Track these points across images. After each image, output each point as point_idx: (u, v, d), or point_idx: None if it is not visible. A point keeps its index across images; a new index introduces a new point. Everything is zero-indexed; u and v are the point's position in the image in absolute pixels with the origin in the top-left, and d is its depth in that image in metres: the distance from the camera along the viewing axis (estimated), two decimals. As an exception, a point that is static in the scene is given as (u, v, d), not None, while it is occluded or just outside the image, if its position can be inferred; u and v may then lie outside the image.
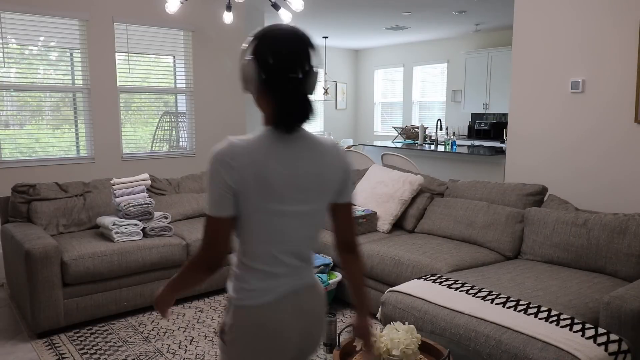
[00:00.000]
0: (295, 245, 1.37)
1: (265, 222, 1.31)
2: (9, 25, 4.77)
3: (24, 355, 2.97)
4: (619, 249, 2.84)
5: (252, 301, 1.33)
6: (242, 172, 1.26)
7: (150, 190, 4.23)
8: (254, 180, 1.26)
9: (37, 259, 3.05)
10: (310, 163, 1.33)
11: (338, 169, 1.39)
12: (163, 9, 5.29)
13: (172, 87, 5.94)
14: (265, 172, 1.27)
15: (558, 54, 3.96)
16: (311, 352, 1.49)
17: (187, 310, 3.60)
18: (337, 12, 7.67)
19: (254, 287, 1.34)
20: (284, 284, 1.36)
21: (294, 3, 4.07)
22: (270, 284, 1.35)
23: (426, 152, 6.94)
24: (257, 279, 1.34)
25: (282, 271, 1.36)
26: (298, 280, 1.40)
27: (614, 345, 2.06)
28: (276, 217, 1.31)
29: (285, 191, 1.30)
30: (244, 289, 1.34)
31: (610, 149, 3.72)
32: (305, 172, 1.32)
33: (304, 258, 1.42)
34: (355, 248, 1.54)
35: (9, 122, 4.94)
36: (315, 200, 1.36)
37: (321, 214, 1.41)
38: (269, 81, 1.27)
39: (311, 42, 1.32)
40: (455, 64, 10.12)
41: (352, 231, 1.52)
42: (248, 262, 1.35)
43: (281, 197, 1.30)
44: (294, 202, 1.32)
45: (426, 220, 3.81)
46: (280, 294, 1.35)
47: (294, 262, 1.38)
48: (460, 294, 2.54)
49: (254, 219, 1.31)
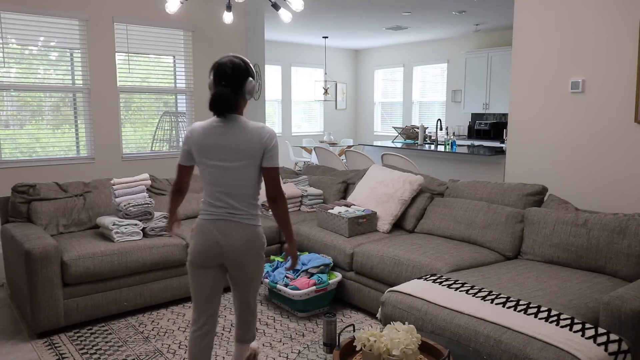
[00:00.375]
0: (226, 189, 2.22)
1: (206, 172, 2.24)
2: (9, 25, 4.77)
3: (24, 355, 2.97)
4: (619, 249, 2.84)
5: (201, 217, 2.29)
6: (194, 140, 2.23)
7: (150, 190, 4.23)
8: (197, 145, 2.22)
9: (37, 259, 3.05)
10: (233, 137, 2.18)
11: (257, 143, 2.18)
12: (163, 9, 5.30)
13: (172, 87, 5.95)
14: (203, 140, 2.21)
15: (558, 54, 3.96)
16: (233, 256, 2.25)
17: (187, 310, 3.60)
18: (337, 12, 7.66)
19: (204, 209, 2.28)
20: (218, 213, 2.24)
21: (294, 3, 4.07)
22: (211, 210, 2.25)
23: (426, 152, 6.94)
24: (206, 206, 2.28)
25: (219, 204, 2.23)
26: (230, 216, 2.23)
27: (614, 345, 2.06)
28: (210, 168, 2.22)
29: (214, 152, 2.20)
30: (202, 210, 2.30)
31: (610, 149, 3.72)
32: (227, 142, 2.18)
33: (237, 200, 2.22)
34: (277, 199, 2.25)
35: (9, 122, 4.94)
36: (235, 160, 2.19)
37: (243, 170, 2.19)
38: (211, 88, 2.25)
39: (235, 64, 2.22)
40: (455, 64, 10.13)
41: (274, 188, 2.24)
42: (205, 196, 2.29)
43: (210, 156, 2.20)
44: (219, 160, 2.19)
45: (426, 220, 3.81)
46: (214, 217, 2.24)
47: (228, 200, 2.22)
48: (460, 294, 2.54)
49: (201, 169, 2.26)
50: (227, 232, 2.22)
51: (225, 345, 3.08)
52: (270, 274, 3.62)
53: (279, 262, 3.76)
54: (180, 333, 3.25)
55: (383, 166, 4.49)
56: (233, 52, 6.29)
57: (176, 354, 2.97)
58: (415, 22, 8.49)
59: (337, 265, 3.69)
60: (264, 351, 3.00)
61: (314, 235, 3.87)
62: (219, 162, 2.19)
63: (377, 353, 1.88)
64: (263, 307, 3.65)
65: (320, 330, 3.27)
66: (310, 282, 3.43)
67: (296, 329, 3.31)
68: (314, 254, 3.70)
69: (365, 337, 1.92)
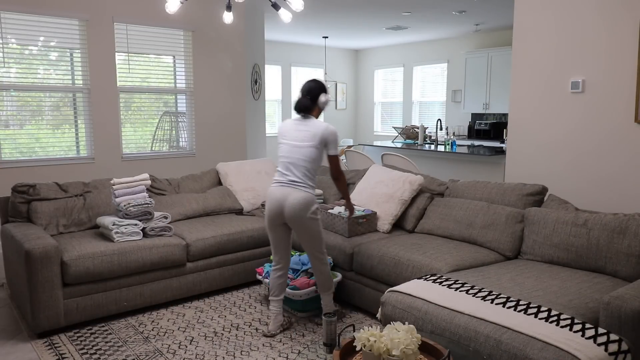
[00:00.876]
0: (292, 160, 3.06)
1: (282, 147, 3.13)
2: (9, 25, 4.77)
3: (24, 355, 2.97)
4: (619, 249, 2.84)
5: (271, 185, 3.13)
6: (281, 130, 3.19)
7: (150, 190, 4.23)
8: (281, 129, 3.18)
9: (37, 259, 3.05)
10: (305, 127, 3.10)
11: (319, 134, 3.06)
12: (163, 9, 5.30)
13: (172, 87, 5.95)
14: (285, 127, 3.18)
15: (558, 54, 3.96)
16: (292, 219, 3.03)
17: (187, 310, 3.60)
18: (337, 12, 7.66)
19: (275, 179, 3.13)
20: (282, 181, 3.06)
21: (294, 3, 4.07)
22: (279, 179, 3.09)
23: (426, 152, 6.94)
24: (276, 175, 3.13)
25: (285, 173, 3.07)
26: (291, 184, 3.03)
27: (614, 345, 2.06)
28: (285, 145, 3.12)
29: (289, 135, 3.12)
30: (273, 179, 3.16)
31: (610, 149, 3.72)
32: (299, 130, 3.10)
33: (298, 171, 3.04)
34: (338, 176, 3.19)
35: (9, 122, 4.94)
36: (301, 141, 3.07)
37: (306, 149, 3.05)
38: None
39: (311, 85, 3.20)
40: (455, 64, 10.13)
41: (334, 170, 3.17)
42: (278, 168, 3.15)
43: (287, 136, 3.13)
44: (291, 139, 3.10)
45: (426, 220, 3.81)
46: (280, 184, 3.06)
47: (292, 170, 3.05)
48: (460, 294, 2.54)
49: (279, 146, 3.17)
50: (286, 195, 3.00)
51: (225, 345, 3.08)
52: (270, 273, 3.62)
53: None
54: (180, 333, 3.25)
55: (383, 166, 4.49)
56: (233, 52, 6.32)
57: (176, 354, 2.97)
58: (415, 22, 8.49)
59: (337, 265, 3.69)
60: (263, 351, 3.00)
61: (314, 235, 3.87)
62: (291, 141, 3.09)
63: (377, 353, 1.88)
64: (263, 307, 3.65)
65: (320, 330, 3.27)
66: (310, 282, 3.43)
67: (296, 329, 3.31)
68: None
69: (365, 337, 1.92)
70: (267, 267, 3.70)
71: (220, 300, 3.79)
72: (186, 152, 6.02)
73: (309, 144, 3.05)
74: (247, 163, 4.90)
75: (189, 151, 6.04)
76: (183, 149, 6.07)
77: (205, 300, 3.79)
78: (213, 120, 6.19)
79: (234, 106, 6.36)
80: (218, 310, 3.60)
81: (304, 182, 3.04)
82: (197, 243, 3.73)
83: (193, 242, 3.72)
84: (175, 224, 4.01)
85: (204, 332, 3.26)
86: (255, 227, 4.08)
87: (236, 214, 4.45)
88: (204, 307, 3.67)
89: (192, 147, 6.06)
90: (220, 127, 6.25)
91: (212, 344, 3.10)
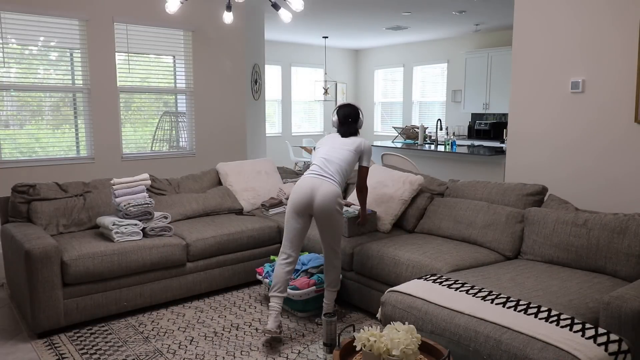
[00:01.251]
0: (330, 157, 3.25)
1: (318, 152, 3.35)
2: (9, 25, 4.77)
3: (24, 355, 2.97)
4: (619, 249, 2.84)
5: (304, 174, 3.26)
6: (322, 140, 3.46)
7: (150, 190, 4.23)
8: (322, 140, 3.45)
9: (37, 259, 3.05)
10: (346, 140, 3.35)
11: (352, 148, 3.31)
12: (163, 9, 5.30)
13: (172, 87, 5.95)
14: (325, 139, 3.44)
15: (558, 54, 3.96)
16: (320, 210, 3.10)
17: (187, 310, 3.60)
18: (337, 12, 7.66)
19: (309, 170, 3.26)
20: (316, 172, 3.19)
21: (294, 3, 4.07)
22: (313, 170, 3.23)
23: (426, 152, 6.94)
24: (312, 167, 3.28)
25: (320, 166, 3.23)
26: (322, 176, 3.17)
27: (614, 345, 2.06)
28: (327, 149, 3.33)
29: (329, 143, 3.37)
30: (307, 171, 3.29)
31: (610, 148, 3.72)
32: (341, 140, 3.35)
33: (332, 168, 3.21)
34: (362, 189, 3.45)
35: (9, 122, 4.95)
36: (340, 147, 3.30)
37: (343, 151, 3.27)
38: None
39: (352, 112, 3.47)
40: (455, 64, 10.13)
41: (362, 180, 3.41)
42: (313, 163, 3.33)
43: (327, 144, 3.37)
44: (332, 145, 3.34)
45: (426, 220, 3.81)
46: (313, 175, 3.18)
47: (327, 165, 3.21)
48: (460, 294, 2.54)
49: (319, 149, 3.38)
50: (317, 186, 3.11)
51: (225, 345, 3.08)
52: (270, 273, 3.62)
53: (279, 262, 3.76)
54: (180, 333, 3.25)
55: (383, 166, 4.49)
56: (233, 52, 6.32)
57: (176, 354, 2.97)
58: (415, 22, 8.49)
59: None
60: (263, 351, 3.00)
61: (313, 235, 3.87)
62: (331, 145, 3.33)
63: (377, 353, 1.88)
64: (263, 307, 3.65)
65: (320, 330, 3.27)
66: (310, 282, 3.43)
67: (296, 329, 3.31)
68: (314, 254, 3.70)
69: (365, 337, 1.92)
70: (267, 267, 3.70)
71: (220, 300, 3.79)
72: (186, 152, 6.02)
73: (348, 147, 3.29)
74: (247, 163, 4.91)
75: (189, 151, 6.04)
76: (183, 149, 6.07)
77: (205, 300, 3.79)
78: (213, 120, 6.19)
79: (234, 106, 6.36)
80: (218, 310, 3.60)
81: (335, 178, 3.18)
82: (197, 243, 3.73)
83: (193, 242, 3.72)
84: (175, 224, 4.01)
85: (204, 332, 3.26)
86: (255, 227, 4.08)
87: (236, 214, 4.45)
88: (204, 307, 3.67)
89: (192, 147, 6.06)
90: (220, 127, 6.25)
91: (212, 344, 3.10)
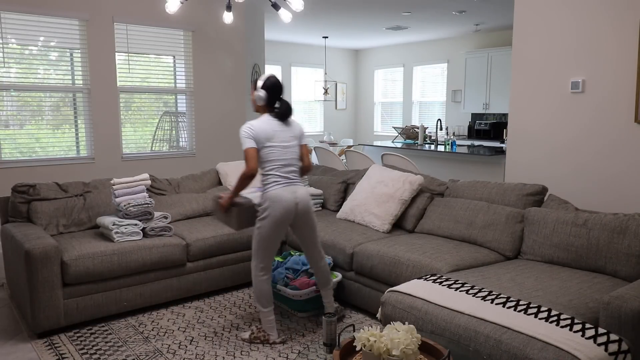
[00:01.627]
0: (286, 163, 3.04)
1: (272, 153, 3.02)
2: (9, 25, 4.77)
3: (24, 355, 2.97)
4: (619, 249, 2.84)
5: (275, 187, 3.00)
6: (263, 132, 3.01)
7: (150, 190, 4.23)
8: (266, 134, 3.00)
9: (37, 259, 3.05)
10: (287, 128, 3.08)
11: (298, 133, 3.13)
12: (163, 9, 5.30)
13: (172, 87, 5.95)
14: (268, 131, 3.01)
15: (558, 54, 3.96)
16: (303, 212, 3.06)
17: (187, 310, 3.60)
18: (337, 12, 7.66)
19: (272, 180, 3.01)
20: (283, 181, 3.01)
21: (293, 3, 4.07)
22: (278, 180, 3.00)
23: (426, 152, 6.94)
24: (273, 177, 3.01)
25: (283, 175, 3.02)
26: (292, 183, 3.04)
27: (614, 345, 2.06)
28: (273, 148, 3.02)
29: (277, 137, 3.02)
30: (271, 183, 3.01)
31: (610, 148, 3.72)
32: (283, 131, 3.05)
33: (294, 172, 3.07)
34: (306, 167, 3.18)
35: (9, 122, 4.95)
36: (290, 143, 3.06)
37: (296, 153, 3.09)
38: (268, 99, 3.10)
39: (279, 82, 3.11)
40: (455, 64, 10.13)
41: (304, 159, 3.15)
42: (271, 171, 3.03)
43: (275, 140, 3.02)
44: (280, 142, 3.03)
45: (426, 220, 3.81)
46: (284, 184, 3.01)
47: (289, 170, 3.05)
48: (460, 294, 2.54)
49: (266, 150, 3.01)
50: (295, 191, 3.03)
51: (225, 345, 3.08)
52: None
53: (279, 262, 3.76)
54: (180, 333, 3.25)
55: (383, 166, 4.49)
56: (233, 52, 6.31)
57: (176, 354, 2.97)
58: (415, 22, 8.49)
59: (337, 265, 3.69)
60: (263, 351, 3.00)
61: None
62: (280, 143, 3.03)
63: (377, 353, 1.88)
64: (263, 307, 3.65)
65: (320, 330, 3.27)
66: (310, 282, 3.43)
67: (296, 329, 3.31)
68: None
69: (365, 337, 1.92)
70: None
71: (220, 300, 3.79)
72: (186, 152, 6.02)
73: (294, 143, 3.10)
74: (247, 163, 4.90)
75: (189, 151, 6.04)
76: (183, 149, 6.07)
77: (205, 300, 3.79)
78: (213, 120, 6.19)
79: (234, 106, 6.36)
80: (218, 310, 3.60)
81: (300, 179, 3.14)
82: (197, 243, 3.73)
83: (193, 242, 3.72)
84: (175, 224, 4.01)
85: (204, 332, 3.26)
86: (255, 227, 4.07)
87: (236, 214, 4.44)
88: (204, 307, 3.67)
89: (192, 147, 6.06)
90: (220, 127, 6.25)
91: (212, 344, 3.10)
